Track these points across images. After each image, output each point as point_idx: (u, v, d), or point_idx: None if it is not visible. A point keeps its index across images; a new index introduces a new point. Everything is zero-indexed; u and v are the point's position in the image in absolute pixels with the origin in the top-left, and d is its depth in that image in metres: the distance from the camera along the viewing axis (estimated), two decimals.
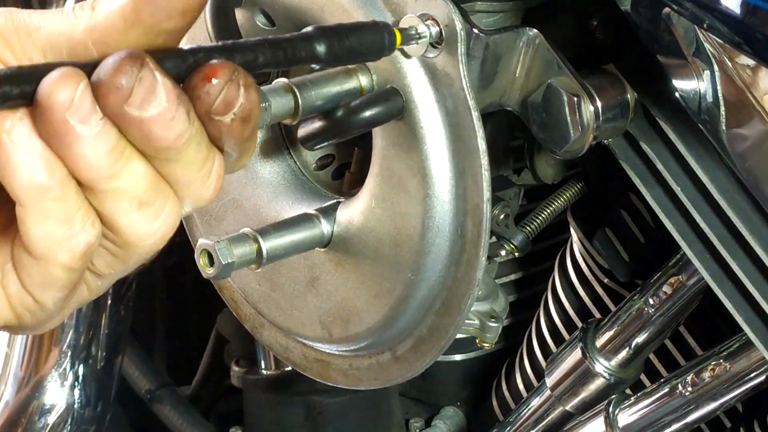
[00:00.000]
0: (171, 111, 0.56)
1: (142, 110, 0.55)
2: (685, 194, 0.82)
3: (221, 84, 0.57)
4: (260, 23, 0.84)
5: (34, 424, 1.33)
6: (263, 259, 0.79)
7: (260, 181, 0.89)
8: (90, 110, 0.55)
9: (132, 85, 0.55)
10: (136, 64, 0.55)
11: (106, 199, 0.57)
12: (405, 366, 0.85)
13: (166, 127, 0.56)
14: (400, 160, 0.78)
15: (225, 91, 0.57)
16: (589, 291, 1.08)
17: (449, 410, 1.30)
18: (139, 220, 0.58)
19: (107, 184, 0.57)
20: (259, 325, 0.95)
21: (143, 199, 0.58)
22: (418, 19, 0.74)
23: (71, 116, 0.55)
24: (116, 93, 0.55)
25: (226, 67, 0.58)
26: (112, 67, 0.55)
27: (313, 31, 0.65)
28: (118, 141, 0.56)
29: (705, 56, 0.75)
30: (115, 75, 0.55)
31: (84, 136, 0.55)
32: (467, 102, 0.74)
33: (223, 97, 0.57)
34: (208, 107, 0.57)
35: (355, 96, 0.75)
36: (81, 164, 0.56)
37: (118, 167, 0.56)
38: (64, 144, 0.55)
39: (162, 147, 0.57)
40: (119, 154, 0.56)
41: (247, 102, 0.58)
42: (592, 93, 0.78)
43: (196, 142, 0.58)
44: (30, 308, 0.60)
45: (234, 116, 0.58)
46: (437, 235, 0.77)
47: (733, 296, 0.82)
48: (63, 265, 0.58)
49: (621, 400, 1.00)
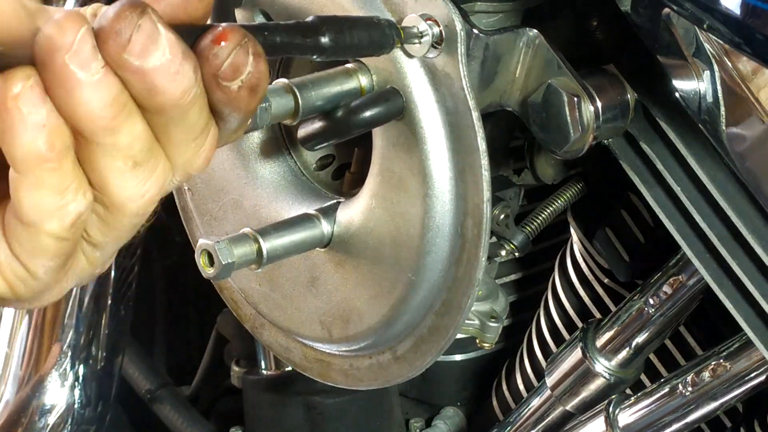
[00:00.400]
0: (175, 64, 0.55)
1: (142, 59, 0.55)
2: (685, 194, 0.82)
3: (230, 47, 0.57)
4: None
5: (35, 424, 1.33)
6: (263, 259, 0.79)
7: (260, 182, 0.89)
8: (90, 56, 0.54)
9: (131, 32, 0.54)
10: (135, 12, 0.54)
11: (102, 155, 0.57)
12: (405, 366, 0.85)
13: (170, 79, 0.55)
14: (400, 160, 0.78)
15: (234, 55, 0.57)
16: (589, 291, 1.08)
17: (449, 410, 1.30)
18: (131, 181, 0.58)
19: (106, 138, 0.56)
20: (259, 325, 0.95)
21: (138, 159, 0.57)
22: (419, 18, 0.74)
23: (71, 60, 0.54)
24: (114, 39, 0.54)
25: (236, 31, 0.57)
26: (112, 12, 0.54)
27: (317, 20, 0.65)
28: (120, 93, 0.55)
29: (705, 56, 0.75)
30: (114, 20, 0.54)
31: (84, 82, 0.54)
32: (467, 102, 0.74)
33: (231, 61, 0.57)
34: (216, 69, 0.57)
35: (355, 96, 0.75)
36: (81, 113, 0.55)
37: (119, 121, 0.56)
38: (64, 90, 0.55)
39: (167, 102, 0.56)
40: (121, 106, 0.55)
41: (255, 71, 0.57)
42: (592, 93, 0.78)
43: (199, 105, 0.57)
44: (21, 277, 0.59)
45: (242, 84, 0.57)
46: (437, 235, 0.77)
47: (733, 296, 0.82)
48: (52, 233, 0.57)
49: (621, 400, 1.00)
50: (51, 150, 0.55)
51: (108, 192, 0.58)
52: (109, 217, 0.59)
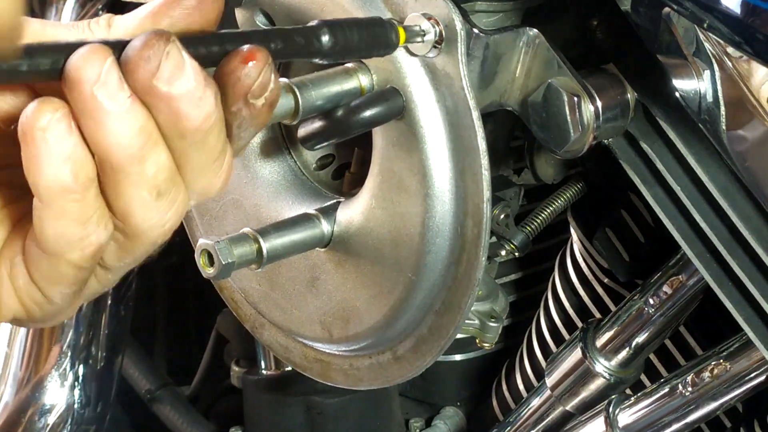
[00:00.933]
0: (199, 90, 0.56)
1: (170, 86, 0.56)
2: (685, 194, 0.82)
3: (260, 66, 0.58)
4: (260, 23, 0.84)
5: (34, 424, 1.33)
6: (263, 259, 0.79)
7: (260, 181, 0.89)
8: (117, 86, 0.55)
9: (160, 59, 0.55)
10: (162, 39, 0.56)
11: (128, 186, 0.57)
12: (405, 366, 0.85)
13: (195, 105, 0.56)
14: (400, 160, 0.78)
15: (263, 73, 0.58)
16: (589, 291, 1.08)
17: (449, 410, 1.30)
18: (153, 210, 0.59)
19: (133, 167, 0.57)
20: (259, 325, 0.95)
21: (162, 188, 0.58)
22: (421, 17, 0.74)
23: (98, 92, 0.55)
24: (144, 67, 0.55)
25: (263, 51, 0.59)
26: (140, 42, 0.56)
27: (319, 24, 0.65)
28: (147, 122, 0.56)
29: (705, 56, 0.75)
30: (143, 49, 0.55)
31: (112, 112, 0.55)
32: (467, 101, 0.74)
33: (261, 80, 0.58)
34: (248, 89, 0.58)
35: (355, 96, 0.75)
36: (109, 143, 0.56)
37: (146, 150, 0.57)
38: (93, 121, 0.56)
39: (190, 128, 0.57)
40: (148, 135, 0.57)
41: (275, 87, 0.59)
42: (592, 93, 0.78)
43: (218, 129, 0.58)
44: (38, 302, 0.60)
45: (265, 101, 0.59)
46: (437, 234, 0.77)
47: (733, 296, 0.82)
48: (73, 263, 0.59)
49: (621, 400, 1.00)
50: (75, 182, 0.56)
51: (130, 222, 0.59)
52: (128, 245, 0.60)
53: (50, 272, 0.59)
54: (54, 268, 0.59)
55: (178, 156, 0.59)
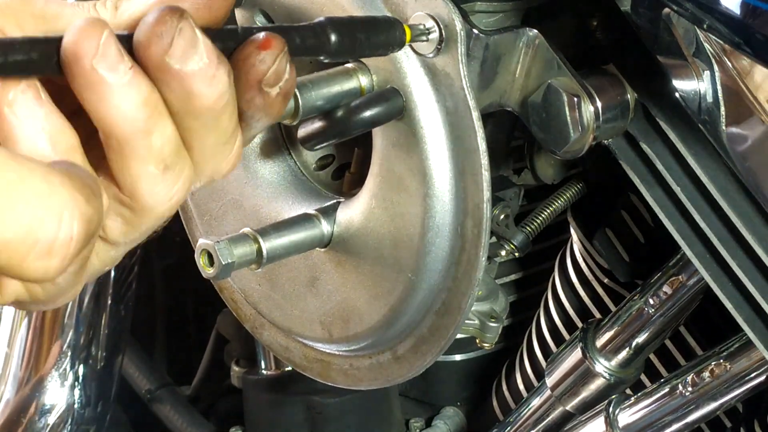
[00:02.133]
0: (212, 68, 0.56)
1: (183, 63, 0.55)
2: (685, 194, 0.82)
3: (275, 54, 0.58)
4: (260, 23, 0.84)
5: (34, 424, 1.33)
6: (263, 259, 0.78)
7: (260, 181, 0.89)
8: (117, 58, 0.54)
9: (172, 35, 0.55)
10: (175, 16, 0.55)
11: (134, 160, 0.56)
12: (405, 366, 0.85)
13: (207, 84, 0.56)
14: (400, 160, 0.78)
15: (278, 62, 0.58)
16: (589, 291, 1.08)
17: (449, 410, 1.30)
18: (161, 184, 0.58)
19: (139, 140, 0.56)
20: (259, 325, 0.95)
21: (168, 162, 0.57)
22: (426, 16, 0.74)
23: (98, 64, 0.54)
24: (157, 43, 0.54)
25: (279, 39, 0.58)
26: (152, 17, 0.55)
27: (325, 21, 0.65)
28: (151, 93, 0.56)
29: (705, 57, 0.75)
30: (156, 24, 0.55)
31: (114, 85, 0.54)
32: (467, 102, 0.74)
33: (276, 68, 0.58)
34: (261, 75, 0.58)
35: (355, 96, 0.75)
36: (114, 116, 0.55)
37: (152, 122, 0.56)
38: (95, 95, 0.55)
39: (202, 107, 0.56)
40: (153, 107, 0.56)
41: (290, 77, 0.59)
42: (592, 93, 0.78)
43: (230, 110, 0.58)
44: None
45: (279, 90, 0.58)
46: (437, 235, 0.77)
47: (733, 296, 0.82)
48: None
49: (621, 400, 1.00)
50: (55, 152, 0.55)
51: (137, 196, 0.58)
52: (134, 220, 0.59)
53: None
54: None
55: (189, 135, 0.58)
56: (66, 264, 0.51)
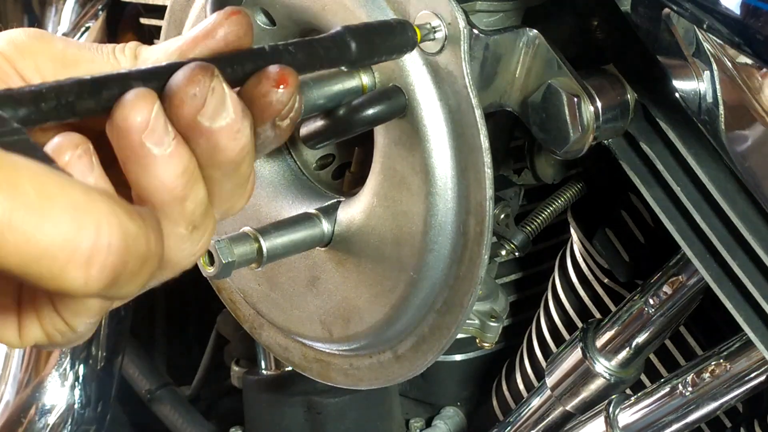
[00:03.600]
0: (238, 123, 0.56)
1: (213, 121, 0.55)
2: (685, 194, 0.82)
3: (292, 91, 0.58)
4: (261, 23, 0.84)
5: (35, 424, 1.33)
6: (263, 258, 0.78)
7: (260, 181, 0.89)
8: (164, 131, 0.55)
9: (205, 95, 0.55)
10: (207, 74, 0.55)
11: (166, 223, 0.57)
12: (406, 365, 0.85)
13: (232, 138, 0.56)
14: (403, 159, 0.78)
15: (294, 98, 0.58)
16: (589, 291, 1.08)
17: (449, 410, 1.30)
18: (187, 243, 0.59)
19: (175, 207, 0.57)
20: (258, 325, 0.95)
21: (197, 223, 0.58)
22: (431, 15, 0.74)
23: (147, 139, 0.55)
24: (190, 104, 0.55)
25: (294, 74, 0.58)
26: (185, 77, 0.55)
27: (343, 31, 0.65)
28: (190, 161, 0.56)
29: (705, 57, 0.75)
30: (189, 85, 0.55)
31: (159, 157, 0.55)
32: (470, 100, 0.74)
33: (290, 104, 0.58)
34: (278, 113, 0.58)
35: (357, 94, 0.75)
36: (155, 186, 0.56)
37: (187, 189, 0.57)
38: (140, 167, 0.55)
39: (227, 160, 0.57)
40: (190, 175, 0.56)
41: (299, 106, 0.59)
42: (592, 93, 0.78)
43: (250, 157, 0.58)
44: (61, 331, 0.60)
45: (290, 121, 0.59)
46: (439, 233, 0.77)
47: (733, 296, 0.82)
48: (101, 300, 0.58)
49: (621, 400, 1.00)
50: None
51: (166, 257, 0.58)
52: (157, 274, 0.60)
53: (77, 306, 0.58)
54: (80, 303, 0.58)
55: (210, 184, 0.59)
56: (105, 277, 0.50)
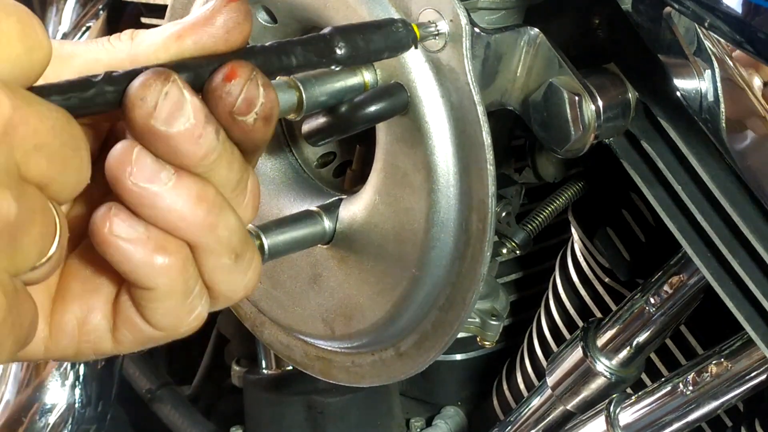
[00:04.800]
0: (199, 128, 0.56)
1: (169, 126, 0.56)
2: (686, 193, 0.82)
3: (241, 83, 0.58)
4: (262, 20, 0.84)
5: (35, 424, 1.33)
6: (265, 255, 0.78)
7: (261, 179, 0.89)
8: (154, 168, 0.56)
9: (156, 100, 0.55)
10: (160, 79, 0.55)
11: (208, 255, 0.58)
12: (408, 362, 0.85)
13: (194, 143, 0.56)
14: (405, 156, 0.78)
15: (246, 89, 0.58)
16: (590, 290, 1.08)
17: (450, 410, 1.30)
18: (235, 273, 0.59)
19: (207, 236, 0.57)
20: (259, 323, 0.95)
21: (238, 250, 0.59)
22: (435, 13, 0.74)
23: (136, 179, 0.56)
24: (141, 106, 0.55)
25: (245, 65, 0.58)
26: (138, 82, 0.56)
27: (332, 31, 0.65)
28: (202, 190, 0.57)
29: (706, 55, 0.75)
30: (140, 89, 0.55)
31: (161, 192, 0.56)
32: (472, 96, 0.74)
33: (244, 96, 0.58)
34: (231, 107, 0.58)
35: (359, 91, 0.75)
36: (174, 219, 0.57)
37: (213, 216, 0.57)
38: (147, 207, 0.56)
39: (190, 164, 0.57)
40: (209, 203, 0.57)
41: (267, 101, 0.59)
42: (593, 92, 0.78)
43: (227, 161, 0.58)
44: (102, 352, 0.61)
45: (256, 116, 0.59)
46: (442, 230, 0.77)
47: (734, 295, 0.82)
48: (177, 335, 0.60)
49: (622, 399, 1.00)
50: (176, 259, 0.57)
51: (216, 289, 0.60)
52: (210, 307, 0.61)
53: (142, 336, 0.60)
54: (149, 336, 0.60)
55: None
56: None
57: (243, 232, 0.59)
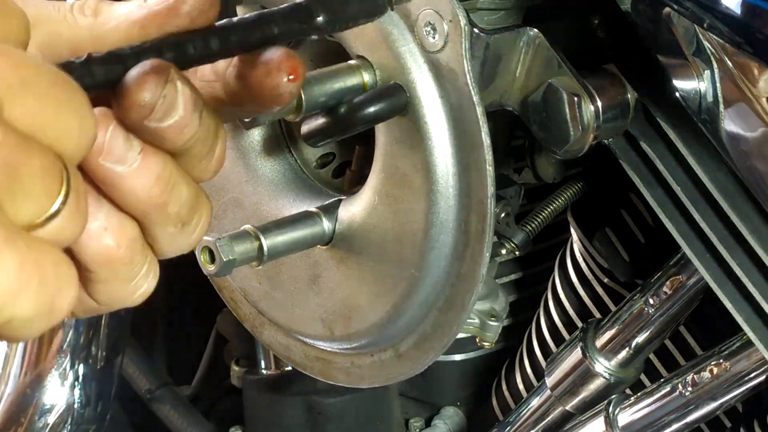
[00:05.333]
0: (186, 118, 0.56)
1: (160, 122, 0.55)
2: (686, 194, 0.82)
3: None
4: None
5: (34, 424, 1.32)
6: (264, 256, 0.79)
7: (261, 179, 0.89)
8: (124, 149, 0.55)
9: (155, 104, 0.54)
10: (160, 82, 0.54)
11: (154, 227, 0.58)
12: (408, 363, 0.85)
13: (179, 132, 0.56)
14: (404, 156, 0.78)
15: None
16: (589, 291, 1.08)
17: (449, 410, 1.30)
18: (180, 238, 0.59)
19: (158, 214, 0.57)
20: (259, 324, 0.95)
21: (186, 219, 0.58)
22: (433, 13, 0.74)
23: (106, 160, 0.55)
24: (138, 111, 0.54)
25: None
26: (137, 83, 0.54)
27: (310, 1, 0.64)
28: (162, 169, 0.56)
29: (705, 56, 0.75)
30: (139, 93, 0.54)
31: (124, 174, 0.55)
32: (471, 97, 0.74)
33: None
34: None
35: (359, 92, 0.75)
36: (131, 201, 0.56)
37: (166, 195, 0.57)
38: (110, 187, 0.55)
39: (173, 148, 0.57)
40: (166, 181, 0.56)
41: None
42: (593, 93, 0.78)
43: (202, 138, 0.58)
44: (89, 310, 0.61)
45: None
46: (441, 230, 0.77)
47: (733, 296, 0.82)
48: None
49: (621, 399, 1.00)
50: (119, 248, 0.56)
51: (160, 252, 0.59)
52: (155, 283, 0.61)
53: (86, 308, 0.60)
54: (94, 309, 0.60)
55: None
56: None
57: (193, 199, 0.58)
